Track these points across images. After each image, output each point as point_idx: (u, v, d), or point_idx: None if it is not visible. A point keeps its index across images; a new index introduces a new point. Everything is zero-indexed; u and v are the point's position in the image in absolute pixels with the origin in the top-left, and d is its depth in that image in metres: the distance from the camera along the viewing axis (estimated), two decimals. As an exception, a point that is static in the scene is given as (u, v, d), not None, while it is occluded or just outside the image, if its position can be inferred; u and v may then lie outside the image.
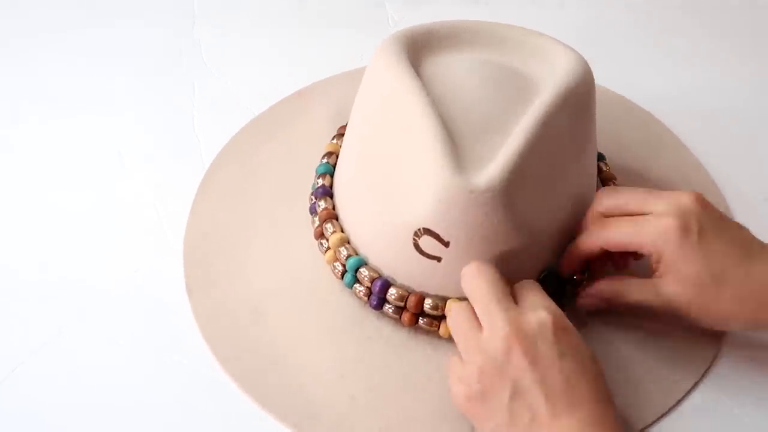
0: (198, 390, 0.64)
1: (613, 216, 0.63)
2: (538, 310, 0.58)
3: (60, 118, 0.80)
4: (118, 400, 0.64)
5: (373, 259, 0.65)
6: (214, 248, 0.70)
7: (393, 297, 0.64)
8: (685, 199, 0.61)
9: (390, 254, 0.64)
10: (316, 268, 0.68)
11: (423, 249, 0.61)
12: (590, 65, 0.65)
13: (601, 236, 0.62)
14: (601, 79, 0.79)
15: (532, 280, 0.61)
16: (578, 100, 0.63)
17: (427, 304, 0.63)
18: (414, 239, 0.61)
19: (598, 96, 0.67)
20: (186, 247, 0.70)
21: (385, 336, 0.65)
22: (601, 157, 0.73)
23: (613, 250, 0.63)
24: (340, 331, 0.66)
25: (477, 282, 0.59)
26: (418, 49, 0.65)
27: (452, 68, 0.64)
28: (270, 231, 0.71)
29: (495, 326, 0.57)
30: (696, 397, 0.65)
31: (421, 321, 0.64)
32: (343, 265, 0.66)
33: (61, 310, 0.68)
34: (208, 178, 0.75)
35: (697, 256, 0.60)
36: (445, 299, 0.63)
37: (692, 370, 0.65)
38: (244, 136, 0.77)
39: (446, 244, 0.60)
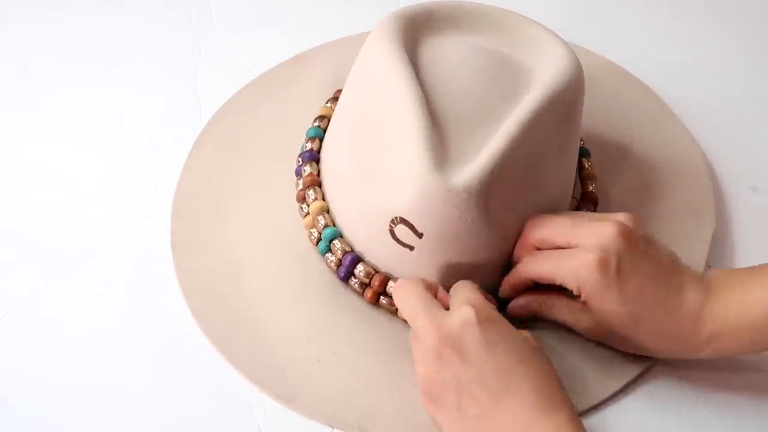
0: (173, 345, 0.67)
1: (543, 248, 0.64)
2: (462, 307, 0.59)
3: (69, 72, 0.81)
4: (94, 351, 0.66)
5: (349, 234, 0.68)
6: (203, 205, 0.73)
7: (360, 273, 0.67)
8: (607, 232, 0.61)
9: (365, 234, 0.66)
10: (297, 233, 0.70)
11: (397, 236, 0.64)
12: (593, 34, 0.66)
13: (528, 270, 0.64)
14: (603, 50, 0.81)
15: (465, 280, 0.63)
16: (564, 103, 0.64)
17: (391, 286, 0.66)
18: (390, 226, 0.63)
19: (599, 66, 0.67)
20: (175, 204, 0.73)
21: (355, 305, 0.68)
22: (585, 153, 0.74)
23: (540, 282, 0.64)
24: (313, 297, 0.68)
25: (404, 297, 0.62)
26: (417, 29, 0.66)
27: (447, 54, 0.66)
28: (257, 191, 0.73)
29: (425, 336, 0.60)
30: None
31: (382, 300, 0.67)
32: (320, 233, 0.69)
33: (49, 261, 0.70)
34: (204, 136, 0.76)
35: (615, 294, 0.61)
36: None
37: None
38: (242, 97, 0.79)
39: (420, 235, 0.63)
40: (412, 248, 0.64)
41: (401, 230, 0.63)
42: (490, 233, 0.63)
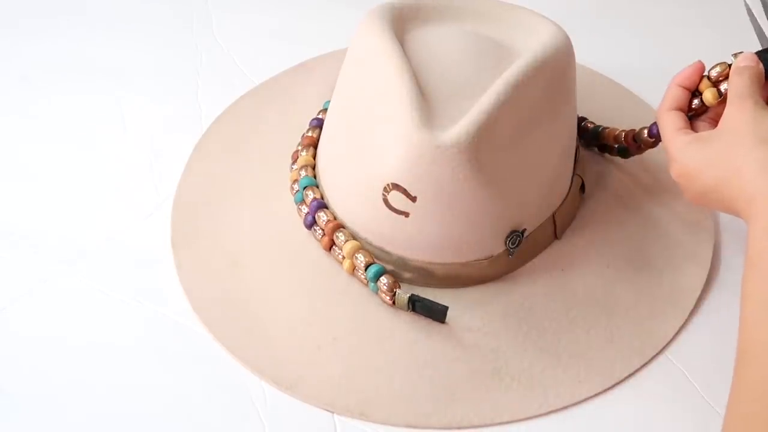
0: (172, 337, 0.66)
1: None
2: None
3: (71, 80, 0.83)
4: (96, 342, 0.66)
5: (348, 217, 0.67)
6: (203, 204, 0.73)
7: (321, 221, 0.67)
8: None
9: (362, 211, 0.66)
10: (297, 226, 0.70)
11: (392, 204, 0.63)
12: (579, 43, 0.67)
13: None
14: (589, 59, 0.81)
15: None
16: (553, 68, 0.64)
17: (338, 236, 0.67)
18: (383, 194, 0.63)
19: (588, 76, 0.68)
20: (176, 203, 0.73)
21: (355, 291, 0.67)
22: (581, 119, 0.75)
23: None
24: (312, 286, 0.68)
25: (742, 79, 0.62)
26: (405, 20, 0.67)
27: (435, 39, 0.66)
28: (257, 188, 0.74)
29: None
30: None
31: (334, 250, 0.68)
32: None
33: (52, 259, 0.71)
34: (205, 139, 0.77)
35: None
36: (353, 237, 0.67)
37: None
38: (244, 102, 0.80)
39: (413, 199, 0.62)
40: (407, 215, 0.63)
41: (395, 197, 0.62)
42: (485, 194, 0.62)
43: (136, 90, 0.82)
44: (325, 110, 0.74)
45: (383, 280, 0.65)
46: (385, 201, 0.63)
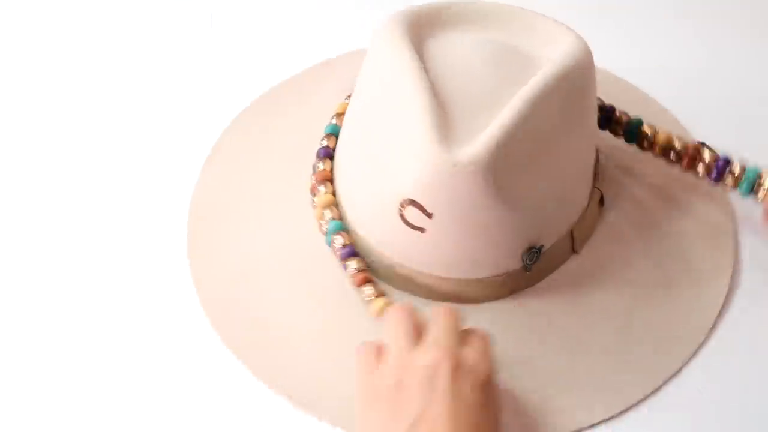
0: (188, 348, 0.66)
1: None
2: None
3: (77, 79, 0.82)
4: (112, 356, 0.66)
5: (362, 227, 0.67)
6: (219, 212, 0.72)
7: (351, 269, 0.66)
8: None
9: (378, 223, 0.65)
10: (313, 238, 0.69)
11: (408, 219, 0.62)
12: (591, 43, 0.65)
13: None
14: (602, 59, 0.76)
15: (448, 308, 0.60)
16: (574, 82, 0.63)
17: (368, 289, 0.65)
18: (400, 209, 0.62)
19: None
20: (191, 211, 0.72)
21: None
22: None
23: None
24: (326, 299, 0.67)
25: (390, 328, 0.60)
26: (424, 27, 0.66)
27: (455, 47, 0.65)
28: (275, 197, 0.73)
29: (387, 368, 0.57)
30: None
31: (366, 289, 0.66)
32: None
33: (54, 259, 0.70)
34: (222, 142, 0.76)
35: None
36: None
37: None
38: (258, 106, 0.79)
39: (430, 216, 0.61)
40: (423, 231, 0.62)
41: (411, 212, 0.62)
42: (502, 211, 0.61)
43: (146, 94, 0.81)
44: (329, 135, 0.72)
45: None
46: (402, 216, 0.62)
